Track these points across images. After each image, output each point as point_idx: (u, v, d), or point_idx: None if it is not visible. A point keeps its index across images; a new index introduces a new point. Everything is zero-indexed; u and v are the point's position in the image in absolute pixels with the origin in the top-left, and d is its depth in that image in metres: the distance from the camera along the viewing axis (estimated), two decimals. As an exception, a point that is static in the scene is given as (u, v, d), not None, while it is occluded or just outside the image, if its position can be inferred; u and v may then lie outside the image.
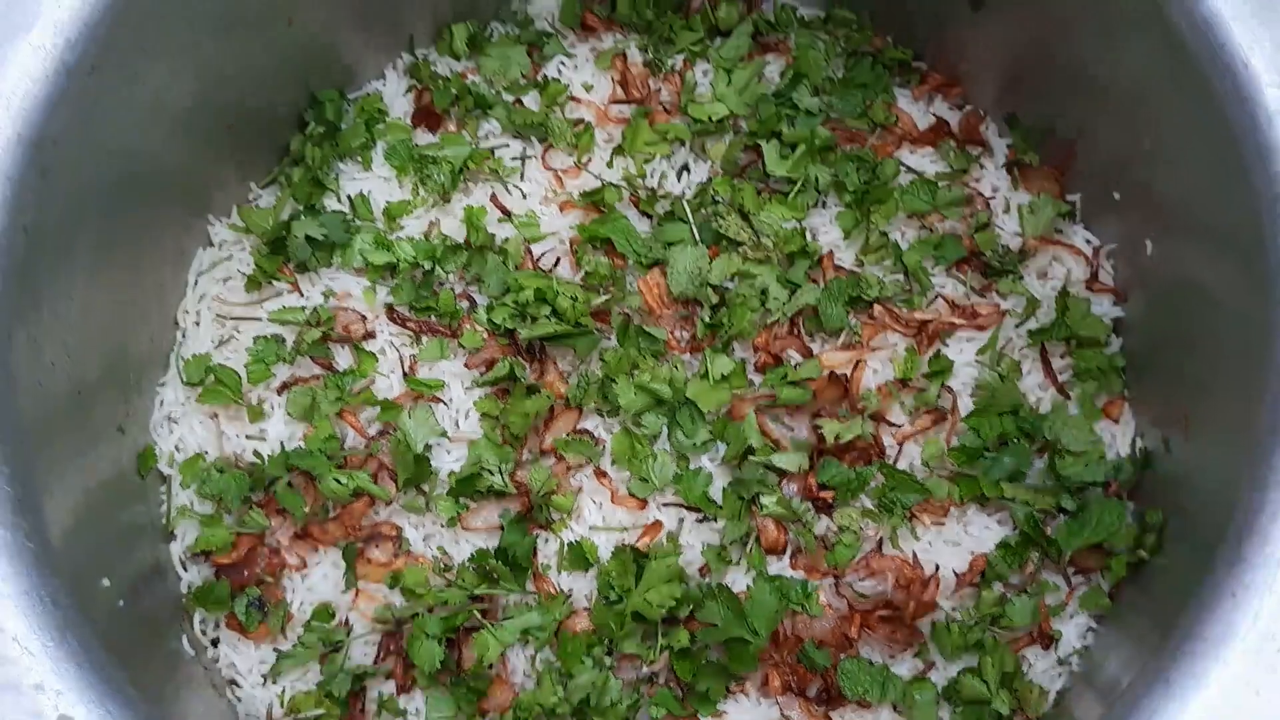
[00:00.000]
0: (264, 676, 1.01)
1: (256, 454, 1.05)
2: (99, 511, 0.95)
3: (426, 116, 1.16)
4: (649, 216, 1.11)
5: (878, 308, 1.07)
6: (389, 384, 1.07)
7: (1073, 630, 1.01)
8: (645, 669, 0.98)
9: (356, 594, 1.02)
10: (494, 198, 1.12)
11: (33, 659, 0.74)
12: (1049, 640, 1.00)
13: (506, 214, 1.11)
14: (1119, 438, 1.05)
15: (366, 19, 1.14)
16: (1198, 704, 0.72)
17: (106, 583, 0.90)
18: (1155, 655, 0.77)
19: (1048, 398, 1.07)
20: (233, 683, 1.02)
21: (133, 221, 1.01)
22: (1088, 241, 1.11)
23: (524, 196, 1.13)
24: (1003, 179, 1.14)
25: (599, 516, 1.03)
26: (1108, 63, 1.01)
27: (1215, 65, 0.87)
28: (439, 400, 1.06)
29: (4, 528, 0.77)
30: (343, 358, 1.08)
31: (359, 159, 1.15)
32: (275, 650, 1.01)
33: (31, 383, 0.86)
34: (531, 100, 1.17)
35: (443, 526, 1.02)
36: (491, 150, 1.14)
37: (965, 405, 1.06)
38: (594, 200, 1.11)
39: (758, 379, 1.05)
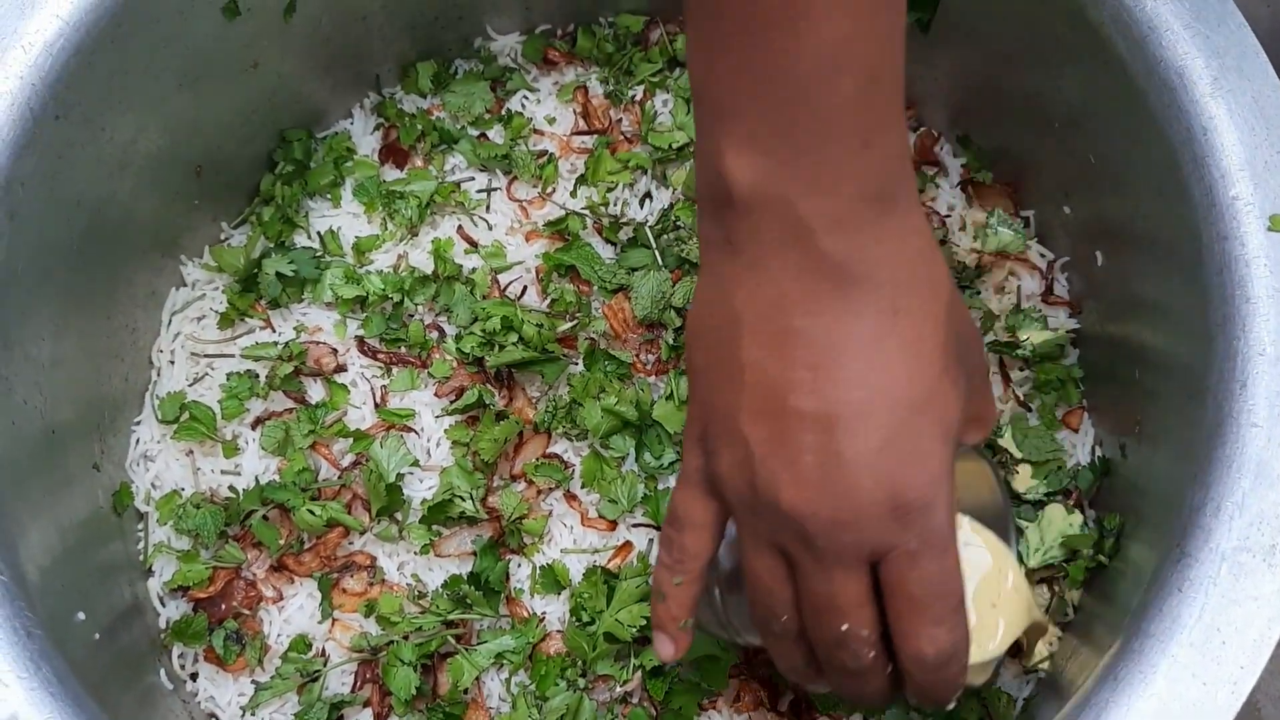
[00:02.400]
0: (242, 709, 1.02)
1: (232, 489, 1.07)
2: (76, 549, 0.96)
3: (393, 153, 1.18)
4: (613, 244, 1.13)
5: (839, 326, 1.09)
6: (361, 415, 1.09)
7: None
8: (619, 689, 1.00)
9: (333, 624, 1.03)
10: (461, 230, 1.15)
11: (7, 689, 0.75)
12: (1016, 648, 1.02)
13: (473, 245, 1.14)
14: (1079, 447, 1.07)
15: (332, 62, 1.16)
16: (1145, 697, 0.73)
17: (82, 616, 0.91)
18: (1108, 654, 0.78)
19: (1008, 410, 1.09)
20: (212, 715, 1.03)
21: (104, 265, 1.03)
22: (1042, 256, 1.13)
23: (490, 228, 1.15)
24: (958, 197, 1.17)
25: (570, 539, 1.04)
26: (1051, 82, 1.04)
27: (1151, 80, 0.90)
28: (410, 430, 1.07)
29: (-24, 563, 0.79)
30: (315, 391, 1.10)
31: (328, 196, 1.17)
32: (253, 682, 1.02)
33: (4, 422, 0.88)
34: (496, 134, 1.19)
35: (416, 554, 1.04)
36: (457, 184, 1.16)
37: (927, 419, 1.07)
38: (559, 229, 1.14)
39: (722, 400, 1.07)
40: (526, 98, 1.21)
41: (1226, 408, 0.80)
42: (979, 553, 0.78)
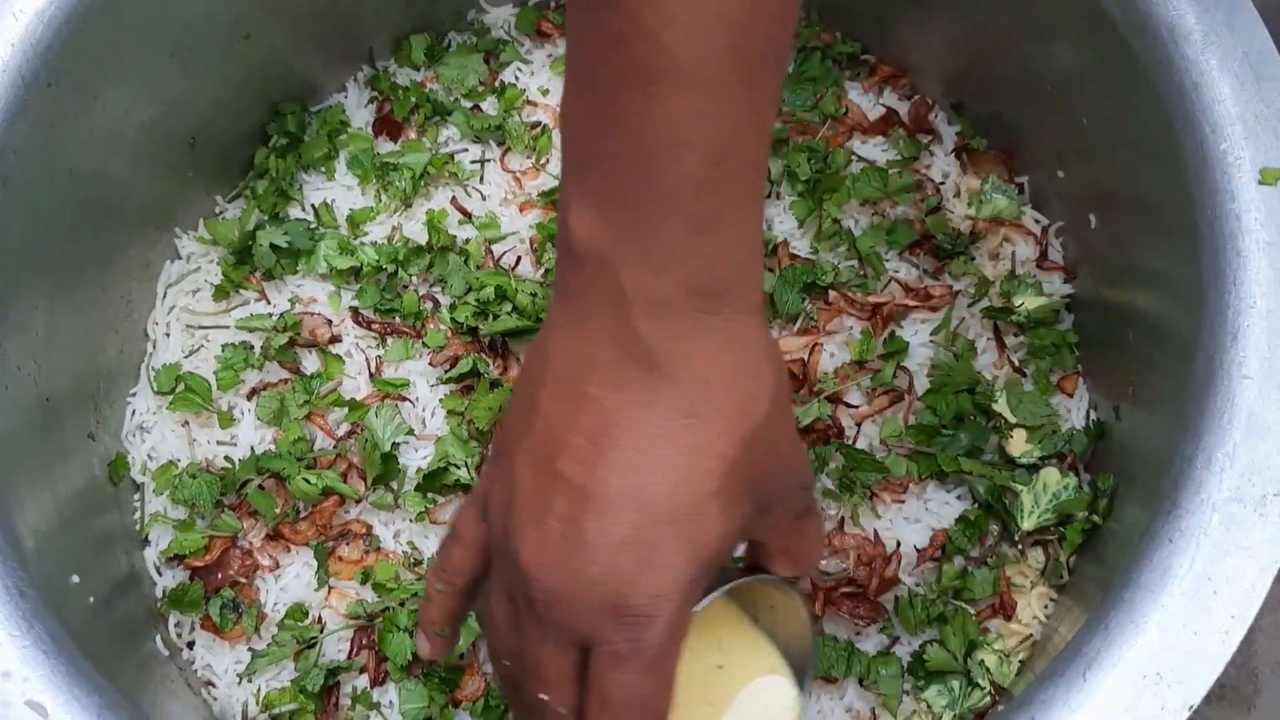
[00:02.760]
0: (239, 676, 1.02)
1: (228, 459, 1.07)
2: (72, 519, 0.97)
3: (387, 125, 1.19)
4: (606, 214, 1.13)
5: (833, 293, 1.10)
6: (356, 385, 1.09)
7: (1034, 600, 1.02)
8: (614, 653, 1.00)
9: (329, 591, 1.03)
10: (454, 201, 1.15)
11: (0, 648, 0.76)
12: (1011, 611, 1.02)
13: (467, 216, 1.14)
14: (1074, 411, 1.07)
15: (324, 35, 1.16)
16: (1135, 646, 0.73)
17: (76, 579, 0.91)
18: (1097, 607, 0.78)
19: (1003, 375, 1.09)
20: (209, 684, 1.03)
21: (98, 237, 1.03)
22: (1036, 221, 1.13)
23: (484, 199, 1.15)
24: (952, 164, 1.17)
25: (565, 506, 1.04)
26: (1043, 46, 1.04)
27: (1143, 38, 0.90)
28: (405, 399, 1.07)
29: (-32, 523, 0.79)
30: (310, 362, 1.10)
31: (322, 169, 1.17)
32: (250, 650, 1.02)
33: (-2, 386, 0.89)
34: (489, 106, 1.19)
35: (411, 522, 1.04)
36: (451, 155, 1.16)
37: (922, 385, 1.08)
38: (552, 200, 1.14)
39: (717, 367, 1.07)
40: (520, 69, 1.21)
41: (1218, 360, 0.80)
42: (781, 694, 0.76)
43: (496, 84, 1.21)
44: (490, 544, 0.67)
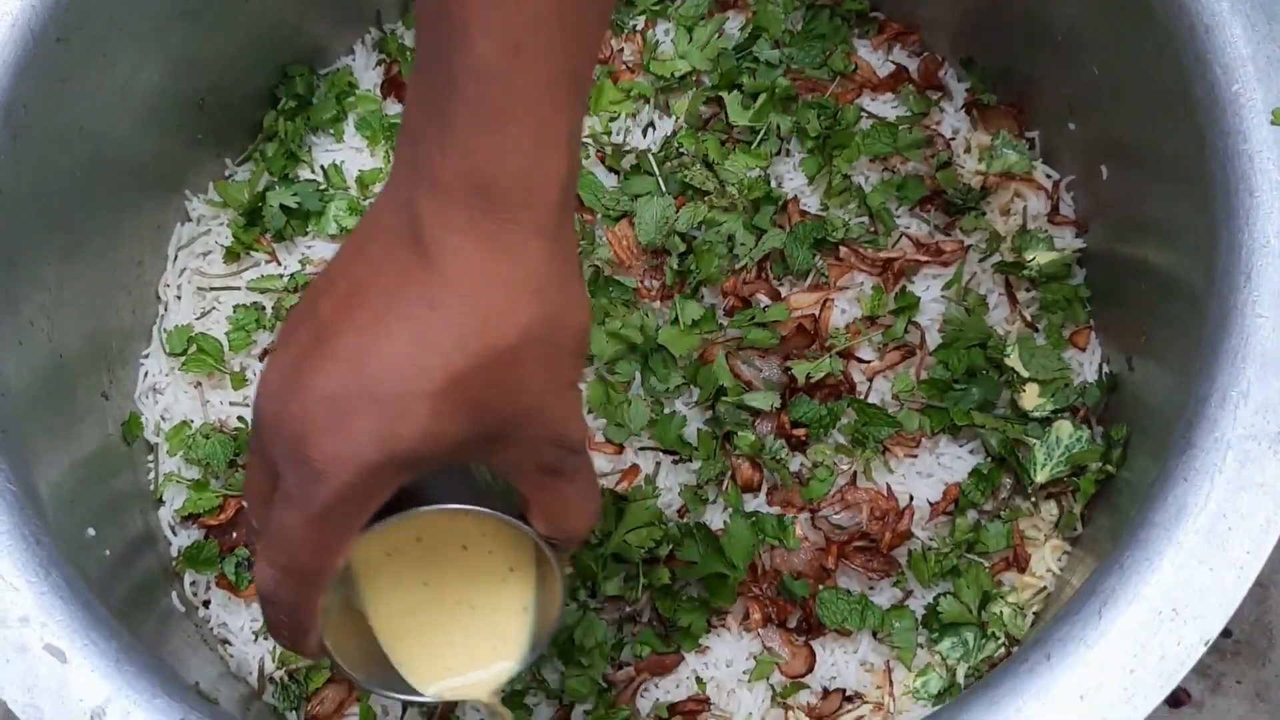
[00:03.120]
0: (254, 633, 1.02)
1: (240, 419, 1.08)
2: (87, 479, 0.97)
3: (395, 87, 1.18)
4: (616, 172, 1.13)
5: (843, 249, 1.09)
6: (367, 345, 1.09)
7: (1048, 552, 1.02)
8: (628, 609, 1.00)
9: (343, 550, 1.04)
10: (464, 161, 1.15)
11: (17, 594, 0.76)
12: (1025, 563, 1.02)
13: (476, 175, 1.14)
14: (1086, 365, 1.07)
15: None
16: (1151, 583, 0.73)
17: (92, 532, 0.92)
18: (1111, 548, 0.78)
19: (1015, 330, 1.08)
20: (225, 641, 1.03)
21: (108, 197, 1.03)
22: (1047, 176, 1.13)
23: (493, 158, 1.15)
24: (962, 120, 1.16)
25: (577, 463, 1.04)
26: (1053, -3, 1.04)
27: (1153, -19, 0.90)
28: (418, 358, 1.07)
29: (-15, 472, 0.79)
30: (323, 321, 1.10)
31: (331, 131, 1.17)
32: (265, 607, 1.03)
33: (9, 339, 0.88)
34: (497, 67, 1.19)
35: (424, 479, 1.04)
36: (460, 116, 1.16)
37: (933, 340, 1.07)
38: (562, 159, 1.13)
39: (728, 322, 1.07)
40: (528, 30, 1.21)
41: (1231, 301, 0.80)
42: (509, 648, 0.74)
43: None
44: None
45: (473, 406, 0.59)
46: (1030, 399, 1.05)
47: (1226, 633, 1.17)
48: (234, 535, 1.04)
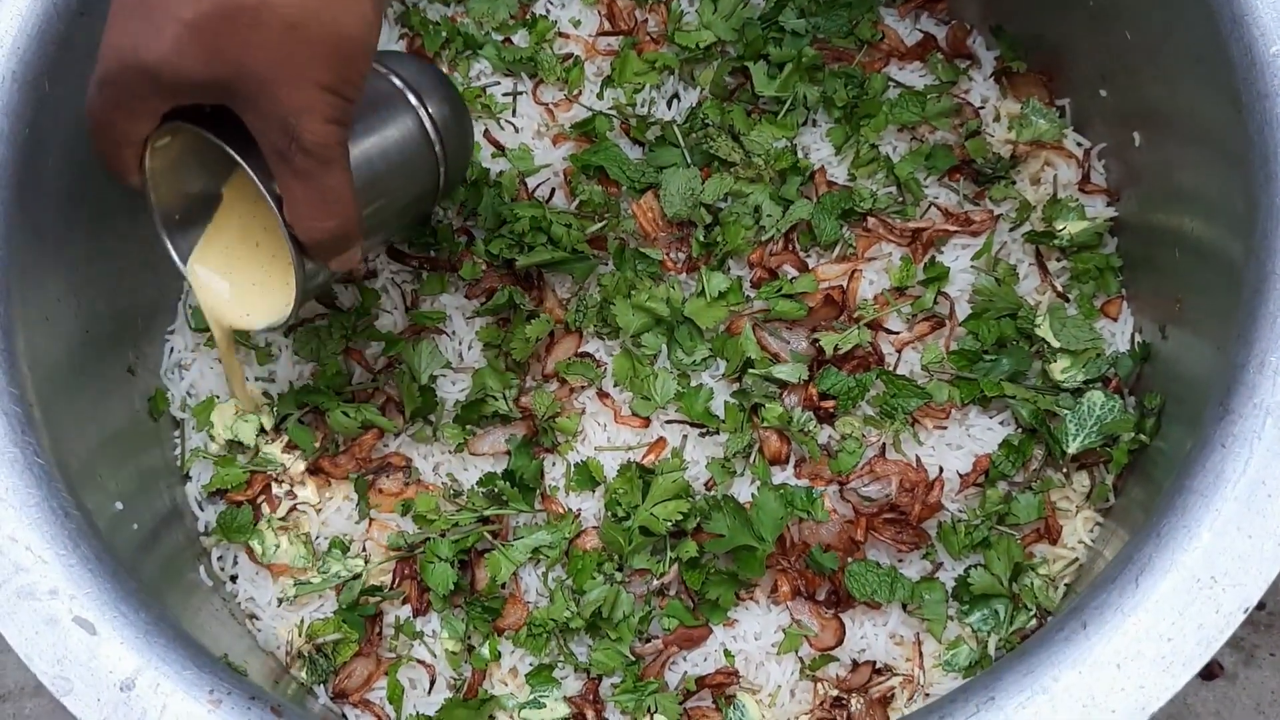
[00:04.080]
0: (279, 600, 1.02)
1: (266, 394, 1.07)
2: (115, 455, 0.97)
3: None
4: (641, 144, 1.12)
5: (871, 219, 1.08)
6: (392, 320, 1.08)
7: (1080, 524, 1.01)
8: (656, 582, 1.00)
9: (370, 524, 1.04)
10: (487, 134, 1.14)
11: (46, 567, 0.76)
12: (1056, 535, 1.01)
13: (500, 149, 1.13)
14: (1118, 335, 1.06)
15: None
16: (1189, 550, 0.72)
17: (120, 506, 0.92)
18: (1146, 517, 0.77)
19: (1046, 300, 1.07)
20: (252, 616, 1.04)
21: (134, 171, 1.03)
22: (1079, 144, 1.11)
23: (516, 131, 1.14)
24: (991, 89, 1.15)
25: (604, 437, 1.04)
26: (1085, -44, 1.02)
27: (1188, -57, 0.88)
28: (442, 332, 1.07)
29: (14, 446, 0.79)
30: (346, 297, 1.09)
31: (354, 106, 1.17)
32: (295, 580, 1.03)
33: (37, 315, 0.88)
34: (520, 39, 1.18)
35: (450, 453, 1.04)
36: (483, 88, 1.15)
37: (963, 310, 1.06)
38: (585, 131, 1.13)
39: (754, 294, 1.06)
40: (551, 1, 1.20)
41: (1270, 265, 0.79)
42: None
43: (527, 16, 1.19)
44: None
45: (209, 48, 0.71)
46: (1061, 369, 1.04)
47: (1260, 605, 1.14)
48: (264, 508, 1.04)
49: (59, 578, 0.76)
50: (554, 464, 1.04)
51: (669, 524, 0.98)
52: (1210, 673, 1.15)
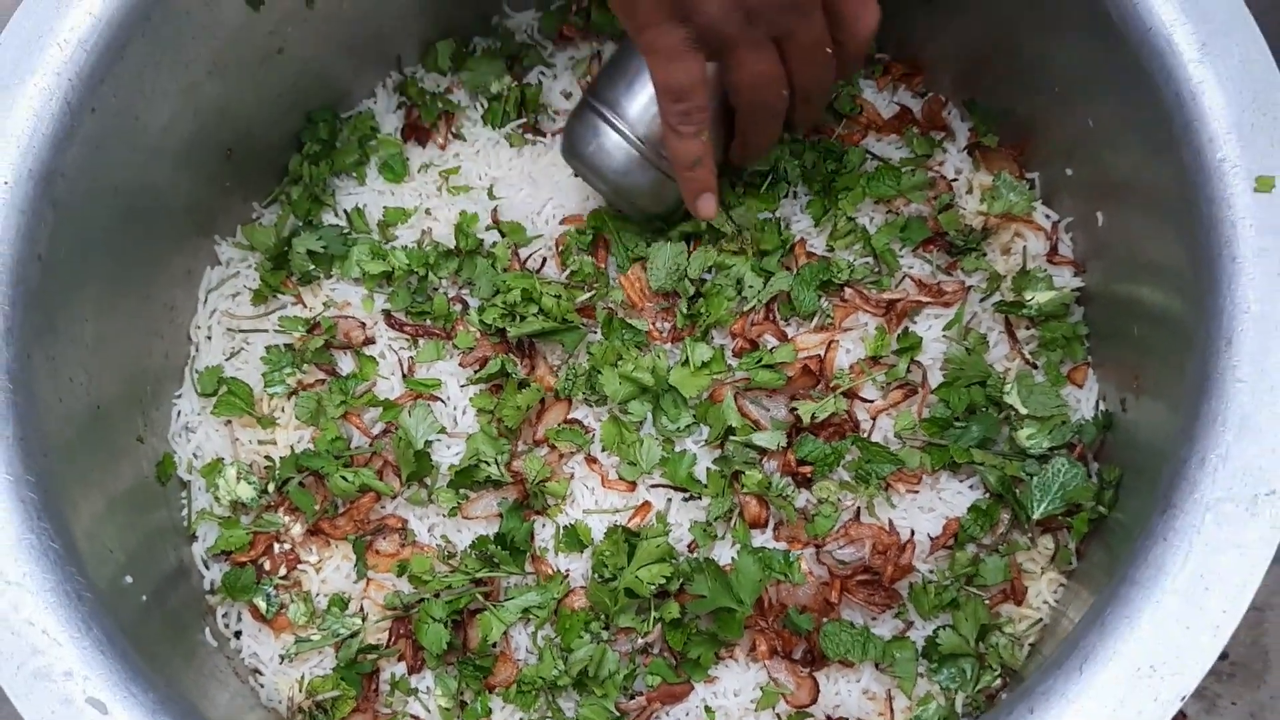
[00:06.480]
0: (281, 656, 1.07)
1: (268, 458, 1.13)
2: (123, 517, 1.02)
3: (415, 131, 1.23)
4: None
5: (848, 290, 1.13)
6: (389, 386, 1.13)
7: (1045, 585, 1.06)
8: (640, 640, 1.04)
9: (367, 583, 1.09)
10: (495, 214, 1.19)
11: (61, 649, 0.81)
12: (1022, 596, 1.05)
13: (495, 221, 1.18)
14: (1084, 402, 1.10)
15: (354, 44, 1.20)
16: (1130, 640, 0.77)
17: (130, 580, 0.97)
18: (1094, 603, 0.82)
19: (1014, 368, 1.12)
20: (255, 671, 1.09)
21: (142, 248, 1.08)
22: (1047, 217, 1.16)
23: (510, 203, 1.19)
24: (965, 161, 1.19)
25: (591, 500, 1.09)
26: (1051, 48, 1.06)
27: (1143, 47, 0.93)
28: (437, 399, 1.12)
29: (31, 532, 0.84)
30: (345, 363, 1.15)
31: (354, 174, 1.22)
32: (295, 637, 1.08)
33: (52, 399, 0.94)
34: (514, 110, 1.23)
35: (445, 516, 1.09)
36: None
37: (935, 378, 1.11)
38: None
39: (736, 364, 1.11)
40: (543, 73, 1.25)
41: (1213, 364, 0.83)
42: None
43: (520, 86, 1.24)
44: (729, 43, 0.93)
45: None
46: (1028, 436, 1.08)
47: (1223, 655, 1.20)
48: (264, 569, 1.09)
49: (73, 659, 0.81)
50: (544, 526, 1.09)
51: (653, 586, 1.03)
52: (1173, 722, 1.19)
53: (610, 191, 1.08)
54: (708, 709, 1.04)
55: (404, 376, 1.13)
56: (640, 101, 1.03)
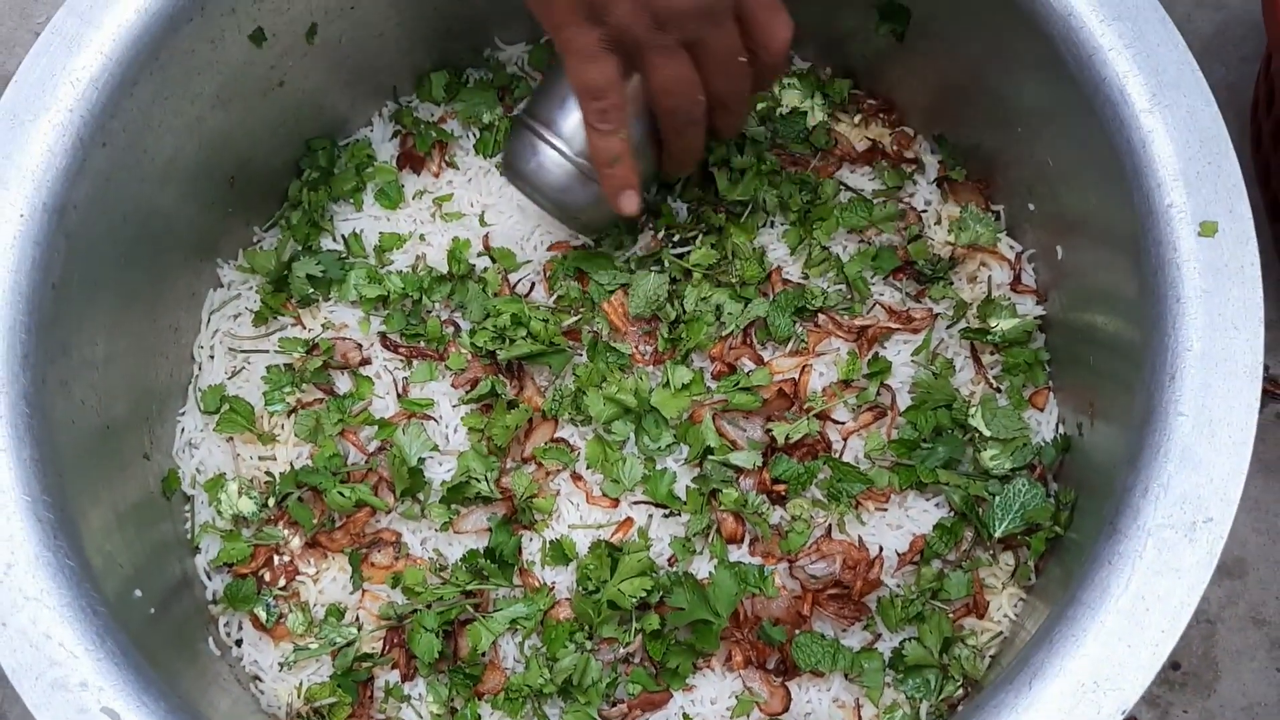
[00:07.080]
0: (280, 664, 1.13)
1: (268, 473, 1.18)
2: (131, 531, 1.07)
3: (410, 159, 1.28)
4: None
5: (822, 316, 1.19)
6: (385, 405, 1.19)
7: (1005, 599, 1.12)
8: (622, 650, 1.10)
9: (363, 594, 1.14)
10: (486, 240, 1.24)
11: (77, 661, 0.86)
12: (983, 610, 1.11)
13: (486, 248, 1.23)
14: (1044, 425, 1.16)
15: (352, 76, 1.25)
16: (1076, 658, 0.83)
17: (139, 594, 1.02)
18: (1043, 622, 0.88)
19: (979, 392, 1.18)
20: (255, 678, 1.14)
21: (149, 271, 1.13)
22: (1011, 248, 1.22)
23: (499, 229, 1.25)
24: (934, 193, 1.25)
25: (577, 516, 1.14)
26: (1015, 88, 1.12)
27: (1098, 97, 0.98)
28: (430, 418, 1.17)
29: (48, 550, 0.89)
30: (342, 383, 1.20)
31: (351, 200, 1.27)
32: (294, 645, 1.13)
33: (65, 421, 0.98)
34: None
35: (437, 531, 1.14)
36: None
37: (904, 401, 1.17)
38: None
39: (715, 386, 1.16)
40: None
41: (1157, 398, 0.89)
42: None
43: (511, 116, 1.29)
44: (642, 48, 0.95)
45: None
46: (991, 457, 1.14)
47: (1175, 665, 1.26)
48: (264, 580, 1.15)
49: (89, 671, 0.86)
50: (531, 540, 1.14)
51: (634, 599, 1.08)
52: (1127, 728, 1.26)
53: (553, 208, 1.13)
54: (686, 716, 1.09)
55: (398, 396, 1.18)
56: (575, 117, 1.06)
